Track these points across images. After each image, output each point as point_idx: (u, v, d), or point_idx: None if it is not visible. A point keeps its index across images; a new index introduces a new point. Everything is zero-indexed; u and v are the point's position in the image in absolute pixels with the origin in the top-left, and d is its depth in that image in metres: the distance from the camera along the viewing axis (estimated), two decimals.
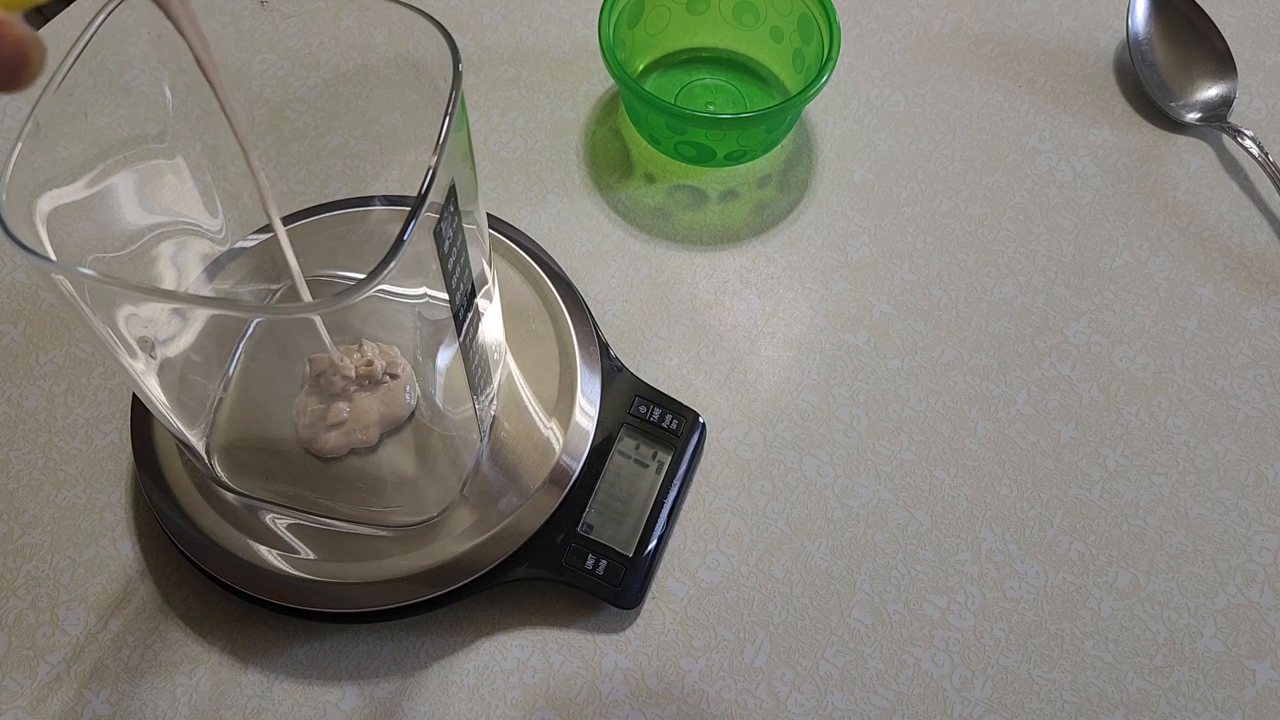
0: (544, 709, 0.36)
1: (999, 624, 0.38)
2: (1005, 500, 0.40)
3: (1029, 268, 0.46)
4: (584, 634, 0.38)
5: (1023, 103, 0.50)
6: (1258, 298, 0.45)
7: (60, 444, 0.41)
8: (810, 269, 0.45)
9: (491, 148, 0.48)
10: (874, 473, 0.41)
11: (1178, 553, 0.39)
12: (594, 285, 0.45)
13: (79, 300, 0.26)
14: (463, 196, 0.28)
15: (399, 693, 0.36)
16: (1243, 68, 0.51)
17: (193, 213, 0.37)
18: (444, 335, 0.32)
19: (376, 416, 0.37)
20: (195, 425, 0.36)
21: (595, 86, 0.50)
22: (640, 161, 0.48)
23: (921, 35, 0.52)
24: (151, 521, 0.39)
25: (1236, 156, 0.49)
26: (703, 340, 0.43)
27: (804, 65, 0.46)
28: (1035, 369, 0.43)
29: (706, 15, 0.49)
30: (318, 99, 0.49)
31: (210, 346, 0.37)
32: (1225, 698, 0.37)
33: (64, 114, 0.27)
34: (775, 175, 0.48)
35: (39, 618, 0.37)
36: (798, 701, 0.37)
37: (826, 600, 0.38)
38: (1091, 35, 0.52)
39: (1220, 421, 0.42)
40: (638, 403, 0.40)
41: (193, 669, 0.37)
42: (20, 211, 0.26)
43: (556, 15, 0.53)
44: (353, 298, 0.24)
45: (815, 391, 0.42)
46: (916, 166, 0.48)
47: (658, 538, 0.38)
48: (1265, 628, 0.38)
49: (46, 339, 0.43)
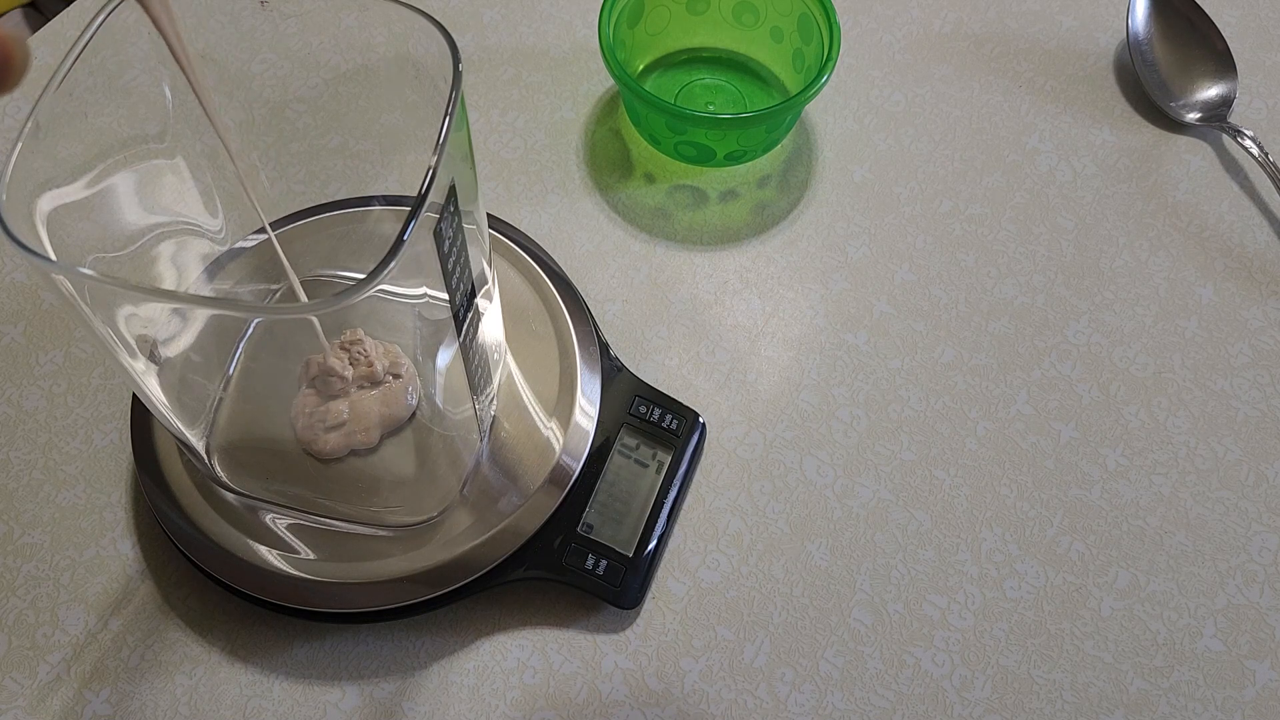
0: (544, 709, 0.36)
1: (999, 624, 0.38)
2: (1005, 500, 0.40)
3: (1029, 268, 0.46)
4: (584, 634, 0.38)
5: (1023, 103, 0.50)
6: (1258, 298, 0.45)
7: (60, 444, 0.41)
8: (810, 269, 0.45)
9: (491, 148, 0.48)
10: (874, 473, 0.41)
11: (1178, 553, 0.39)
12: (594, 285, 0.45)
13: (79, 300, 0.26)
14: (463, 196, 0.28)
15: (399, 693, 0.36)
16: (1243, 68, 0.51)
17: (193, 213, 0.37)
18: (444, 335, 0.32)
19: (377, 418, 0.37)
20: (195, 425, 0.36)
21: (595, 86, 0.50)
22: (640, 161, 0.48)
23: (921, 35, 0.52)
24: (151, 521, 0.39)
25: (1236, 156, 0.49)
26: (703, 340, 0.43)
27: (804, 65, 0.46)
28: (1035, 369, 0.43)
29: (706, 15, 0.49)
30: (318, 99, 0.49)
31: (210, 346, 0.37)
32: (1225, 698, 0.37)
33: (64, 114, 0.27)
34: (775, 175, 0.48)
35: (39, 618, 0.37)
36: (798, 701, 0.37)
37: (826, 600, 0.38)
38: (1091, 35, 0.52)
39: (1220, 421, 0.42)
40: (638, 403, 0.40)
41: (193, 669, 0.37)
42: (20, 211, 0.26)
43: (556, 15, 0.53)
44: (353, 298, 0.24)
45: (815, 391, 0.42)
46: (916, 166, 0.48)
47: (658, 538, 0.38)
48: (1265, 628, 0.38)
49: (46, 339, 0.43)
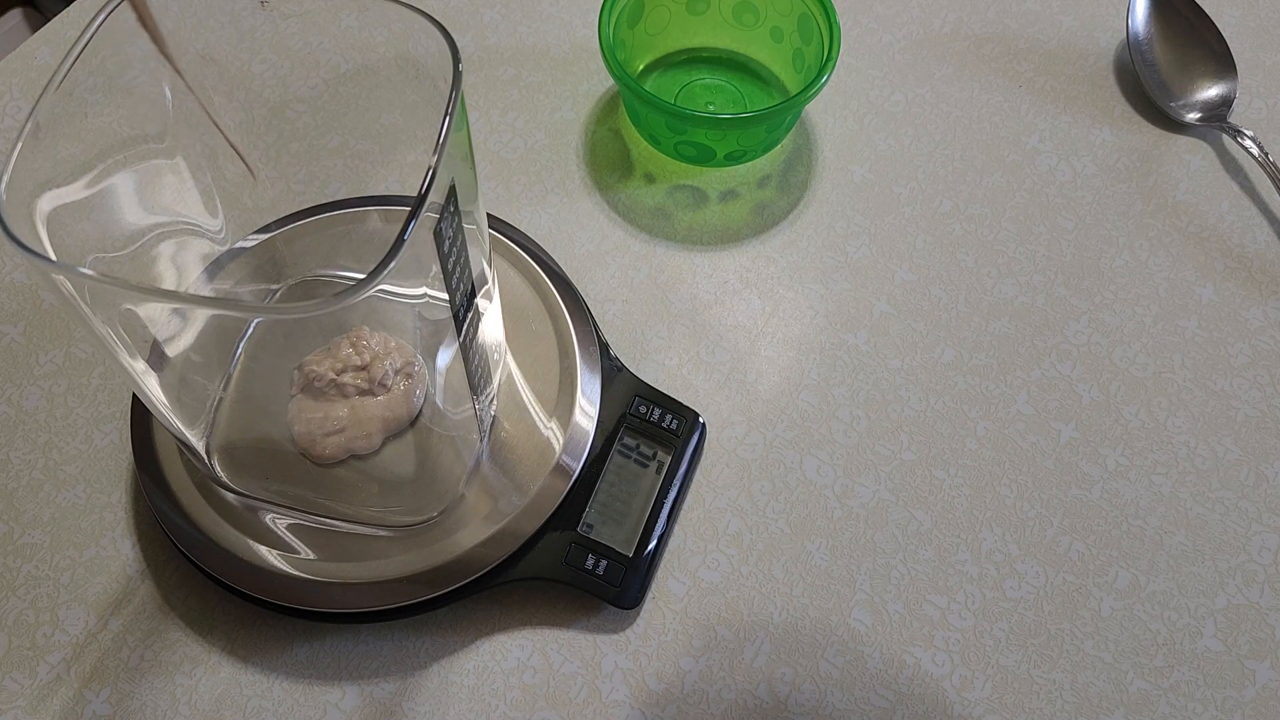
0: (544, 709, 0.36)
1: (999, 624, 0.38)
2: (1005, 500, 0.40)
3: (1029, 268, 0.46)
4: (584, 634, 0.38)
5: (1023, 103, 0.50)
6: (1258, 298, 0.45)
7: (60, 444, 0.41)
8: (810, 269, 0.45)
9: (491, 148, 0.48)
10: (874, 473, 0.41)
11: (1178, 553, 0.39)
12: (594, 285, 0.45)
13: (79, 300, 0.26)
14: (463, 196, 0.28)
15: (399, 693, 0.36)
16: (1243, 68, 0.51)
17: (193, 213, 0.37)
18: (444, 335, 0.32)
19: (380, 423, 0.36)
20: (195, 425, 0.36)
21: (595, 86, 0.50)
22: (640, 161, 0.48)
23: (921, 35, 0.52)
24: (151, 521, 0.39)
25: (1236, 156, 0.49)
26: (703, 340, 0.43)
27: (804, 65, 0.46)
28: (1035, 369, 0.43)
29: (706, 15, 0.49)
30: (318, 99, 0.49)
31: (210, 346, 0.37)
32: (1225, 698, 0.37)
33: (64, 114, 0.27)
34: (775, 175, 0.48)
35: (39, 618, 0.37)
36: (798, 701, 0.37)
37: (826, 600, 0.38)
38: (1091, 35, 0.52)
39: (1220, 421, 0.42)
40: (638, 403, 0.40)
41: (193, 669, 0.37)
42: (20, 211, 0.26)
43: (556, 15, 0.52)
44: (353, 298, 0.24)
45: (815, 391, 0.42)
46: (916, 166, 0.48)
47: (658, 538, 0.38)
48: (1265, 628, 0.38)
49: (46, 339, 0.43)
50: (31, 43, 0.51)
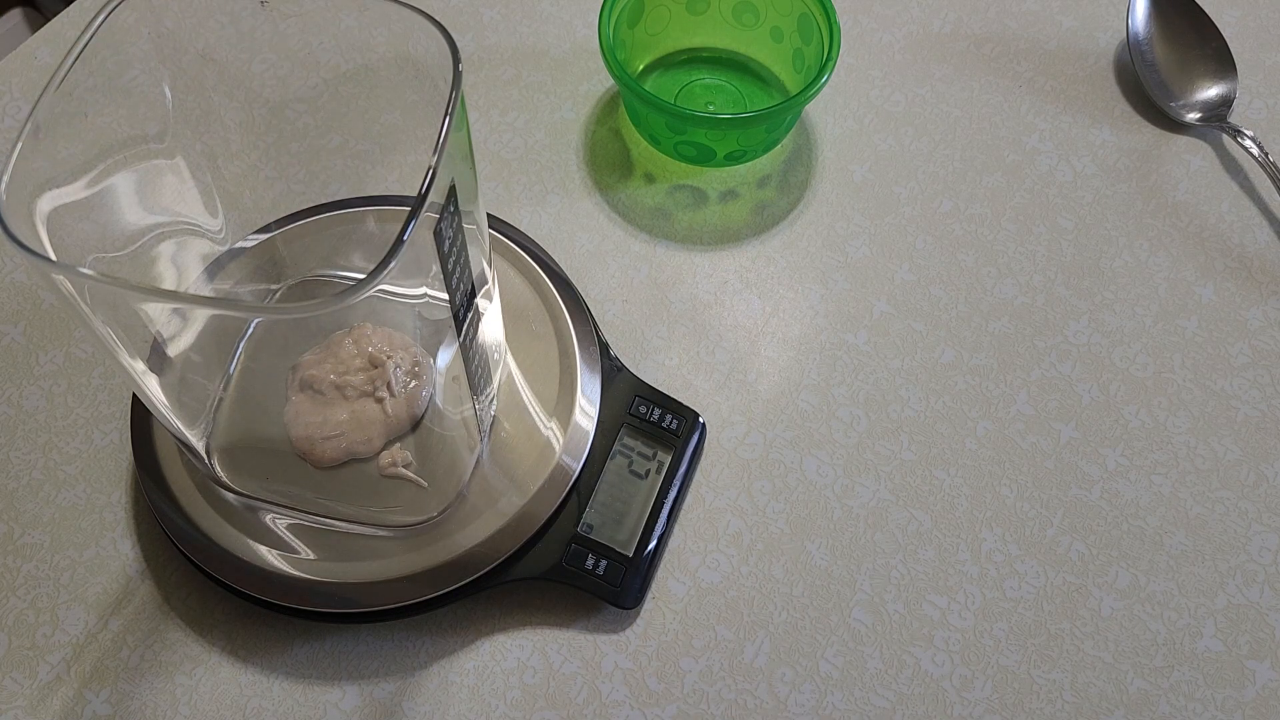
0: (544, 709, 0.36)
1: (999, 624, 0.38)
2: (1005, 500, 0.40)
3: (1029, 268, 0.46)
4: (584, 634, 0.38)
5: (1023, 103, 0.50)
6: (1258, 298, 0.45)
7: (60, 444, 0.41)
8: (810, 269, 0.45)
9: (491, 148, 0.48)
10: (874, 473, 0.41)
11: (1178, 553, 0.39)
12: (594, 285, 0.45)
13: (79, 300, 0.26)
14: (463, 196, 0.28)
15: (399, 693, 0.36)
16: (1243, 68, 0.51)
17: (193, 213, 0.37)
18: (444, 335, 0.32)
19: (381, 427, 0.36)
20: (195, 425, 0.36)
21: (595, 86, 0.50)
22: (640, 161, 0.48)
23: (921, 35, 0.52)
24: (151, 521, 0.39)
25: (1236, 156, 0.49)
26: (703, 340, 0.43)
27: (804, 65, 0.46)
28: (1035, 369, 0.43)
29: (706, 15, 0.49)
30: (318, 99, 0.49)
31: (210, 346, 0.37)
32: (1225, 698, 0.37)
33: (64, 114, 0.27)
34: (775, 175, 0.48)
35: (39, 618, 0.37)
36: (798, 701, 0.37)
37: (826, 600, 0.38)
38: (1091, 35, 0.52)
39: (1220, 421, 0.42)
40: (638, 403, 0.40)
41: (193, 669, 0.37)
42: (20, 211, 0.26)
43: (556, 15, 0.53)
44: (352, 298, 0.24)
45: (815, 391, 0.42)
46: (916, 166, 0.48)
47: (658, 538, 0.38)
48: (1265, 628, 0.38)
49: (46, 339, 0.43)
50: (31, 43, 0.51)
